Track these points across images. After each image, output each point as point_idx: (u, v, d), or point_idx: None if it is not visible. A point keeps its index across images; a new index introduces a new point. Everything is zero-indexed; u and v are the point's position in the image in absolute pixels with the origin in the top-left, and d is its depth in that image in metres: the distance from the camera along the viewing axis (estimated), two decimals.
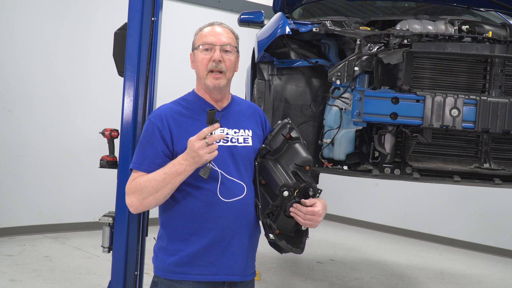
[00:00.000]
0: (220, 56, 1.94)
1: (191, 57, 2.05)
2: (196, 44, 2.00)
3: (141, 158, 1.90)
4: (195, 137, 1.76)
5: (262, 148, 1.99)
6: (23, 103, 5.72)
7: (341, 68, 2.70)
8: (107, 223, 3.08)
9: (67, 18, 5.97)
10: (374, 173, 2.81)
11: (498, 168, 2.72)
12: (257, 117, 2.11)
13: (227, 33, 2.00)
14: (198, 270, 1.89)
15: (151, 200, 1.86)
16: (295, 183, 1.90)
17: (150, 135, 1.91)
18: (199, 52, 1.97)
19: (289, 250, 1.95)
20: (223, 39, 1.97)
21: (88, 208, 6.04)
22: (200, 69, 1.98)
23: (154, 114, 1.97)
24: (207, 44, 1.96)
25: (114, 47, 3.15)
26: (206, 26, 2.03)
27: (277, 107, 3.01)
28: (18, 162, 5.70)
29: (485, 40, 2.70)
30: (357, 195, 7.48)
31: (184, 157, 1.80)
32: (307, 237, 1.99)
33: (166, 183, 1.81)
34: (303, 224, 1.90)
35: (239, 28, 3.98)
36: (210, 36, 1.97)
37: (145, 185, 1.84)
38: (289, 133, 1.99)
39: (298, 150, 1.96)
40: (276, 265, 5.13)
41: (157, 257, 1.98)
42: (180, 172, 1.80)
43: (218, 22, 2.05)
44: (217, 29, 1.99)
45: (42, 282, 4.22)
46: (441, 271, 5.40)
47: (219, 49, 1.95)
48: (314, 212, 1.86)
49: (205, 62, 1.96)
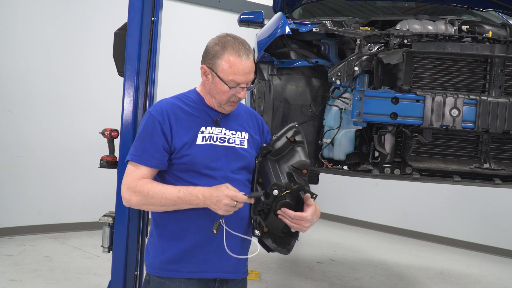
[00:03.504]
0: (245, 94, 1.93)
1: (202, 69, 1.95)
2: (221, 74, 1.89)
3: (140, 150, 1.90)
4: (230, 193, 1.77)
5: (263, 148, 2.01)
6: (23, 103, 5.72)
7: (341, 68, 2.71)
8: (107, 223, 3.08)
9: (67, 18, 5.97)
10: (374, 173, 2.81)
11: (498, 168, 2.72)
12: (254, 121, 2.11)
13: (253, 67, 1.92)
14: (190, 268, 1.90)
15: (151, 208, 1.89)
16: (287, 183, 1.90)
17: (151, 129, 1.90)
18: (223, 85, 1.89)
19: (275, 250, 1.96)
20: (250, 77, 1.91)
21: (88, 208, 6.03)
22: (219, 97, 1.93)
23: (155, 108, 1.95)
24: (235, 83, 1.89)
25: (114, 47, 3.15)
26: (231, 50, 1.88)
27: (277, 107, 3.01)
28: (18, 162, 5.70)
29: (485, 40, 2.70)
30: (357, 195, 7.47)
31: (206, 195, 1.80)
32: (297, 240, 1.99)
33: (174, 205, 1.84)
34: (291, 226, 1.90)
35: (239, 28, 3.99)
36: (239, 76, 1.88)
37: (153, 196, 1.84)
38: (293, 136, 2.00)
39: (298, 153, 1.97)
40: (276, 265, 5.13)
41: (148, 254, 1.99)
42: (193, 203, 1.82)
43: (242, 44, 1.90)
44: (246, 64, 1.89)
45: (42, 282, 4.22)
46: (441, 271, 5.40)
47: (245, 89, 1.92)
48: (302, 217, 1.85)
49: (228, 96, 1.92)
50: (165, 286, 1.92)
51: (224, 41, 1.90)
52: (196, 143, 1.91)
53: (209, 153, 1.92)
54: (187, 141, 1.91)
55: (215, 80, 1.91)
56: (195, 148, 1.91)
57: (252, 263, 5.03)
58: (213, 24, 6.84)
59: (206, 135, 1.94)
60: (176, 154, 1.91)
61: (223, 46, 1.89)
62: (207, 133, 1.94)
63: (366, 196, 7.36)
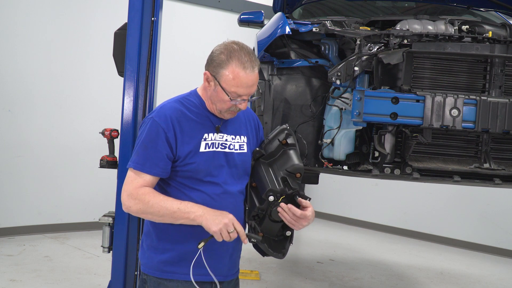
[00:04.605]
0: (245, 107, 1.92)
1: (205, 75, 1.91)
2: (223, 84, 1.85)
3: (143, 158, 1.86)
4: (235, 221, 1.81)
5: (255, 152, 2.00)
6: (23, 103, 5.71)
7: (341, 68, 2.71)
8: (107, 223, 3.09)
9: (67, 18, 5.97)
10: (374, 173, 2.81)
11: (498, 168, 2.72)
12: (251, 122, 2.09)
13: (256, 80, 1.89)
14: (187, 270, 1.89)
15: (149, 217, 1.90)
16: (282, 189, 1.89)
17: (155, 136, 1.86)
18: (225, 95, 1.86)
19: (270, 254, 1.95)
20: (253, 90, 1.89)
21: (88, 208, 6.03)
22: (220, 105, 1.90)
23: (158, 114, 1.90)
24: (237, 95, 1.86)
25: (114, 47, 3.16)
26: (236, 62, 1.83)
27: (277, 107, 3.01)
28: (18, 162, 5.70)
29: (485, 40, 2.70)
30: (357, 195, 7.47)
31: (206, 215, 1.81)
32: (291, 243, 1.99)
33: (173, 218, 1.84)
34: (290, 224, 1.89)
35: (239, 28, 3.99)
36: (242, 88, 1.84)
37: (153, 205, 1.83)
38: (285, 139, 1.98)
39: (291, 157, 1.95)
40: (276, 265, 5.13)
41: (144, 253, 1.99)
42: (192, 219, 1.82)
43: (248, 56, 1.85)
44: (250, 77, 1.85)
45: (42, 282, 4.22)
46: (441, 271, 5.40)
47: (247, 101, 1.91)
48: (305, 216, 1.87)
49: (228, 105, 1.89)
50: (162, 286, 1.93)
51: (231, 50, 1.85)
52: (200, 151, 1.90)
53: (212, 160, 1.91)
54: (191, 149, 1.89)
55: (217, 89, 1.87)
56: (199, 156, 1.89)
57: (252, 263, 5.03)
58: (213, 24, 6.85)
59: (209, 142, 1.92)
60: (181, 162, 1.89)
61: (229, 56, 1.84)
62: (210, 140, 1.93)
63: (366, 196, 7.36)
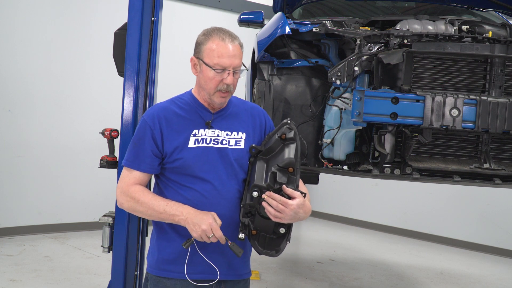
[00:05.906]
0: (232, 81, 1.92)
1: (192, 62, 1.98)
2: (206, 59, 1.90)
3: (132, 155, 1.96)
4: (213, 225, 1.80)
5: (250, 148, 1.97)
6: (23, 103, 5.72)
7: (341, 68, 2.71)
8: (107, 223, 3.08)
9: (67, 18, 5.97)
10: (374, 173, 2.81)
11: (498, 168, 2.72)
12: (256, 120, 2.07)
13: (239, 52, 1.92)
14: (184, 269, 1.90)
15: (139, 215, 2.00)
16: (268, 184, 1.85)
17: (142, 134, 1.95)
18: (209, 70, 1.90)
19: (262, 253, 1.91)
20: (236, 61, 1.90)
21: (88, 208, 6.04)
22: (208, 86, 1.93)
23: (147, 113, 2.00)
24: (220, 66, 1.88)
25: (114, 47, 3.15)
26: (215, 36, 1.91)
27: (277, 107, 3.02)
28: (18, 162, 5.70)
29: (485, 40, 2.70)
30: (357, 195, 7.47)
31: (188, 215, 1.83)
32: (288, 242, 1.92)
33: (160, 218, 1.90)
34: (272, 217, 1.81)
35: (239, 28, 3.99)
36: (223, 58, 1.88)
37: (142, 203, 1.90)
38: (284, 134, 1.95)
39: (286, 151, 1.92)
40: (276, 265, 5.13)
41: (149, 252, 2.04)
42: (175, 220, 1.86)
43: (228, 33, 1.93)
44: (231, 48, 1.89)
45: (42, 282, 4.22)
46: (441, 271, 5.40)
47: (232, 74, 1.91)
48: (287, 204, 1.78)
49: (215, 82, 1.91)
50: (161, 284, 1.95)
51: (209, 30, 1.96)
52: (188, 146, 1.91)
53: (201, 156, 1.91)
54: (178, 145, 1.91)
55: (202, 68, 1.93)
56: (186, 151, 1.90)
57: (252, 263, 5.00)
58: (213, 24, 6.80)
59: (198, 138, 1.93)
60: (168, 158, 1.92)
61: (208, 34, 1.94)
62: (200, 135, 1.94)
63: (366, 196, 7.36)
